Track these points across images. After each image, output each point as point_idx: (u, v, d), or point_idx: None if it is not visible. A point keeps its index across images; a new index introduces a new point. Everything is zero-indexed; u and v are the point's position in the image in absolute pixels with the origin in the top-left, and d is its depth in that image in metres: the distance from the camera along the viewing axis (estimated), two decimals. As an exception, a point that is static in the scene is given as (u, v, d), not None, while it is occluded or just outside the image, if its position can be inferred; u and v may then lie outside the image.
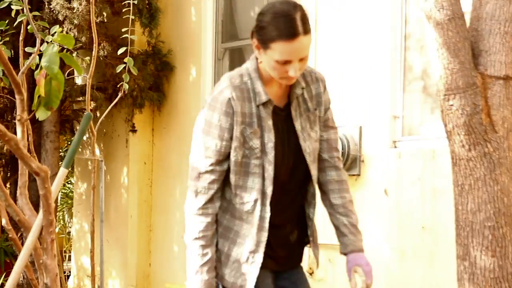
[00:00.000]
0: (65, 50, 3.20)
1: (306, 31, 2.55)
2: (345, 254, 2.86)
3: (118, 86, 5.95)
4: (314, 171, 2.82)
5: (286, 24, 2.52)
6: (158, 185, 7.26)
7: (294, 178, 2.80)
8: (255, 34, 2.62)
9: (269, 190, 2.72)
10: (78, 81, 7.27)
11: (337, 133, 2.90)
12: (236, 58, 7.01)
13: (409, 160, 5.58)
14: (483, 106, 3.89)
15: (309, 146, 2.78)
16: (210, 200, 2.72)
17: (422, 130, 5.69)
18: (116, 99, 5.94)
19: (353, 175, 5.79)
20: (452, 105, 3.93)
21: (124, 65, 5.49)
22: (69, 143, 9.79)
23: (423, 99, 5.71)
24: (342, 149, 5.71)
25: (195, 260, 2.72)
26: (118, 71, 5.60)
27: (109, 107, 5.97)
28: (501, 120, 3.92)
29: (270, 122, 2.70)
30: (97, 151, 7.29)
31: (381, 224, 5.70)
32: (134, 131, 7.16)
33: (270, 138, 2.70)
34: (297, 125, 2.76)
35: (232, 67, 6.96)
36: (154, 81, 7.01)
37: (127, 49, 5.52)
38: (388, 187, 5.67)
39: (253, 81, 2.69)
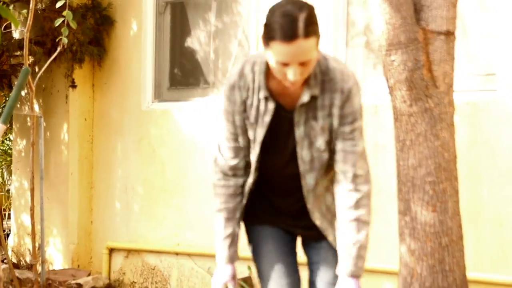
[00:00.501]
0: (1, 3, 3.10)
1: (308, 34, 2.43)
2: None
3: (57, 40, 5.83)
4: (310, 180, 2.73)
5: (287, 25, 2.41)
6: (99, 141, 7.17)
7: (292, 181, 2.76)
8: (263, 30, 2.55)
9: (251, 180, 2.75)
10: (16, 35, 7.08)
11: (356, 146, 2.73)
12: (178, 12, 6.90)
13: (352, 115, 5.58)
14: (425, 61, 3.89)
15: (307, 154, 2.69)
16: (232, 174, 2.76)
17: (364, 85, 5.69)
18: (55, 54, 5.83)
19: (296, 131, 5.79)
20: (393, 60, 3.92)
21: (63, 18, 5.37)
22: (7, 98, 9.58)
23: (366, 54, 5.71)
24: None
25: (219, 232, 2.79)
26: (56, 25, 5.48)
27: (48, 62, 5.86)
28: (442, 76, 3.94)
29: (267, 119, 2.66)
30: (36, 107, 7.15)
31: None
32: (74, 86, 7.04)
33: (259, 134, 2.67)
34: (298, 132, 2.68)
35: (173, 22, 6.88)
36: (94, 36, 6.87)
37: (66, 2, 5.39)
38: (330, 142, 5.67)
39: (260, 73, 2.64)
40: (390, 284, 5.23)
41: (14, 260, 7.50)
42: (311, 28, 2.44)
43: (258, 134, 2.67)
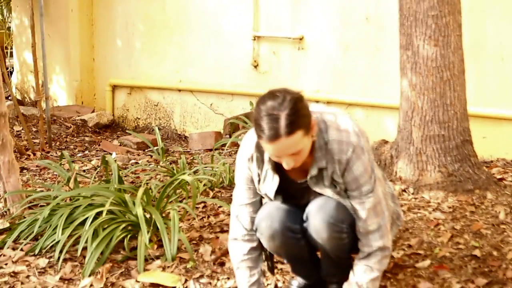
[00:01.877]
0: None
1: (291, 131, 2.42)
2: None
3: None
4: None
5: (268, 125, 2.42)
6: (98, -23, 7.07)
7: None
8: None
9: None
10: None
11: (365, 203, 2.69)
12: None
13: (355, -51, 5.48)
14: None
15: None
16: (251, 229, 2.81)
17: None
18: None
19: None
20: None
21: None
22: None
23: None
24: None
25: (243, 281, 2.83)
26: None
27: None
28: None
29: (273, 189, 2.73)
30: None
31: (324, 17, 5.67)
32: None
33: (270, 195, 2.75)
34: (321, 191, 2.71)
35: None
36: None
37: None
38: (333, -23, 5.60)
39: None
40: (391, 119, 5.30)
41: (19, 97, 7.56)
42: (295, 124, 2.44)
43: (269, 195, 2.76)
